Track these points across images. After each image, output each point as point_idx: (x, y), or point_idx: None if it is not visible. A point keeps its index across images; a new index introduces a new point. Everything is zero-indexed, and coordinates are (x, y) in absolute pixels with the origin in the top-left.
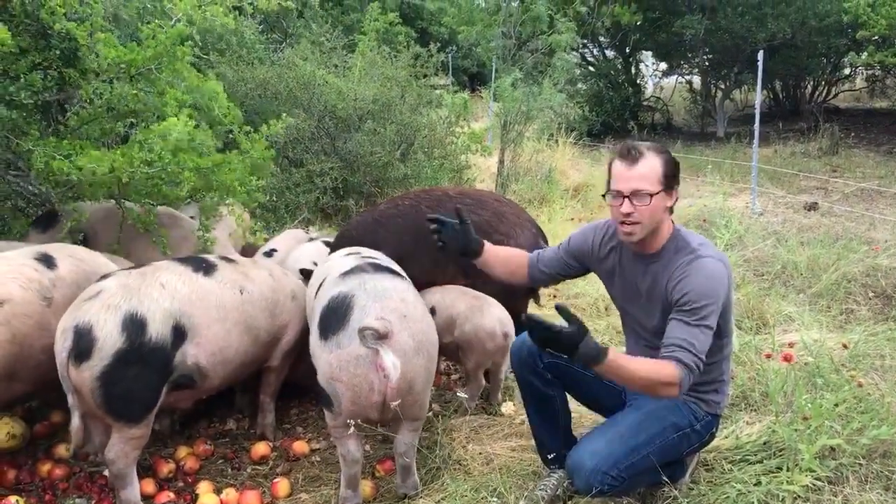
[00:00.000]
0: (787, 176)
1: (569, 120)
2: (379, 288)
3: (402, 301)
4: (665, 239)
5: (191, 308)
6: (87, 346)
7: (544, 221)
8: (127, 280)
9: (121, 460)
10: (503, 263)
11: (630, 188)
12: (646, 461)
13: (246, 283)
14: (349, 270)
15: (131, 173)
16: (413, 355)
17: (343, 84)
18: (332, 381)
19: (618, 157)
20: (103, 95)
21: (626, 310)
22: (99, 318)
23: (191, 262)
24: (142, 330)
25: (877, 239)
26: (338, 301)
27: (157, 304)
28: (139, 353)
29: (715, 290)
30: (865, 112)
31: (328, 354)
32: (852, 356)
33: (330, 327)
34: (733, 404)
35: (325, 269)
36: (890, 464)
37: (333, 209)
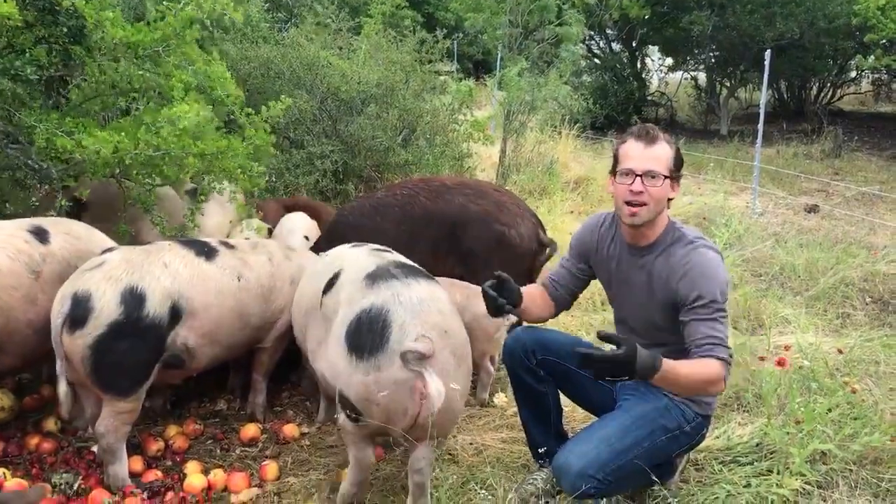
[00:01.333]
0: (788, 177)
1: (572, 112)
2: (415, 300)
3: (440, 314)
4: (660, 231)
5: (190, 290)
6: (83, 313)
7: (544, 213)
8: (131, 255)
9: (110, 434)
10: (534, 303)
11: (644, 168)
12: (633, 464)
13: (244, 270)
14: (375, 274)
15: (135, 155)
16: (455, 373)
17: (347, 66)
18: (367, 402)
19: (633, 137)
20: (107, 73)
21: (619, 303)
22: (99, 288)
23: (194, 246)
24: (140, 304)
25: (876, 244)
26: (371, 316)
27: (157, 282)
28: (135, 327)
29: (720, 277)
30: (870, 116)
31: (364, 376)
32: (847, 361)
33: (364, 346)
34: (726, 404)
35: (335, 261)
36: (880, 471)
37: (333, 192)
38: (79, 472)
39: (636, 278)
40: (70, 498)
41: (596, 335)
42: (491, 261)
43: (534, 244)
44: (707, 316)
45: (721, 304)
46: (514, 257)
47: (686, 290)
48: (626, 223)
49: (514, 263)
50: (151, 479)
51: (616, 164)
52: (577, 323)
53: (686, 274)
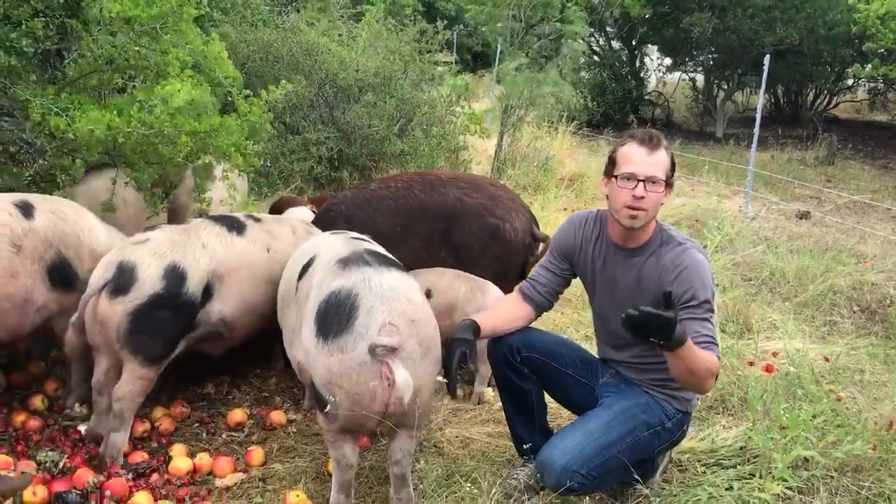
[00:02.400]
0: (781, 182)
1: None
2: (385, 287)
3: (409, 303)
4: (650, 234)
5: (225, 267)
6: (126, 282)
7: (538, 209)
8: (173, 234)
9: (126, 400)
10: (504, 322)
11: (647, 173)
12: (616, 459)
13: (272, 241)
14: (347, 259)
15: (128, 133)
16: (421, 362)
17: (346, 53)
18: (330, 386)
19: (636, 142)
20: (104, 47)
21: (601, 303)
22: (144, 261)
23: (225, 222)
24: (181, 282)
25: (866, 253)
26: (340, 298)
27: (197, 263)
28: (173, 302)
29: (710, 280)
30: (864, 124)
31: (328, 357)
32: (833, 369)
33: (330, 327)
34: (711, 407)
35: (311, 247)
36: (861, 479)
37: (327, 179)
38: (64, 451)
39: (624, 278)
40: (55, 476)
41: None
42: (485, 254)
43: (528, 238)
44: (700, 315)
45: (711, 304)
46: (507, 251)
47: (680, 289)
48: (626, 226)
49: (507, 257)
50: (137, 461)
51: (614, 166)
52: (566, 321)
53: (679, 274)
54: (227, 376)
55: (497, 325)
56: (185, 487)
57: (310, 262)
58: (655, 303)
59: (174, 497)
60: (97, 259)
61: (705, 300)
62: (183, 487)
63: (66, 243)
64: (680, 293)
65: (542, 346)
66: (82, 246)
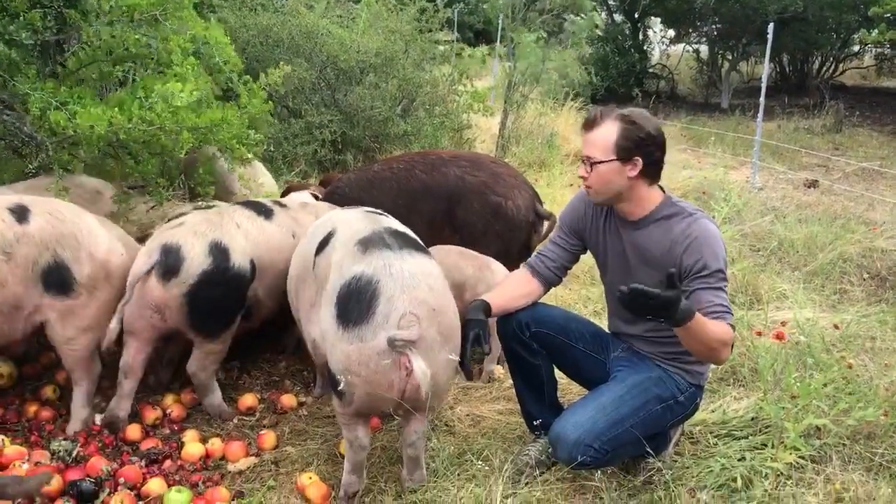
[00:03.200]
0: (789, 152)
1: (574, 84)
2: (406, 274)
3: (430, 290)
4: (651, 207)
5: (258, 249)
6: (175, 263)
7: (543, 186)
8: (207, 216)
9: (202, 372)
10: (514, 298)
11: (584, 154)
12: (629, 433)
13: (296, 227)
14: (368, 240)
15: (129, 129)
16: (440, 351)
17: (346, 35)
18: (346, 373)
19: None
20: (104, 38)
21: (611, 276)
22: (187, 241)
23: (253, 207)
24: (226, 257)
25: (875, 220)
26: (360, 285)
27: (236, 241)
28: (222, 277)
29: (721, 248)
30: (871, 91)
31: (347, 345)
32: (843, 337)
33: (350, 315)
34: (722, 379)
35: (327, 221)
36: (873, 445)
37: (331, 162)
38: (77, 440)
39: (633, 250)
40: (68, 465)
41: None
42: (488, 233)
43: (531, 215)
44: (713, 285)
45: (724, 274)
46: (510, 229)
47: (691, 259)
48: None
49: (510, 235)
50: (150, 447)
51: None
52: (574, 296)
53: (690, 244)
54: (236, 361)
55: (507, 302)
56: (197, 473)
57: (327, 238)
58: (660, 281)
59: (187, 482)
60: (97, 262)
61: (717, 269)
62: (196, 473)
63: (63, 245)
64: (691, 263)
65: (551, 321)
66: (80, 248)
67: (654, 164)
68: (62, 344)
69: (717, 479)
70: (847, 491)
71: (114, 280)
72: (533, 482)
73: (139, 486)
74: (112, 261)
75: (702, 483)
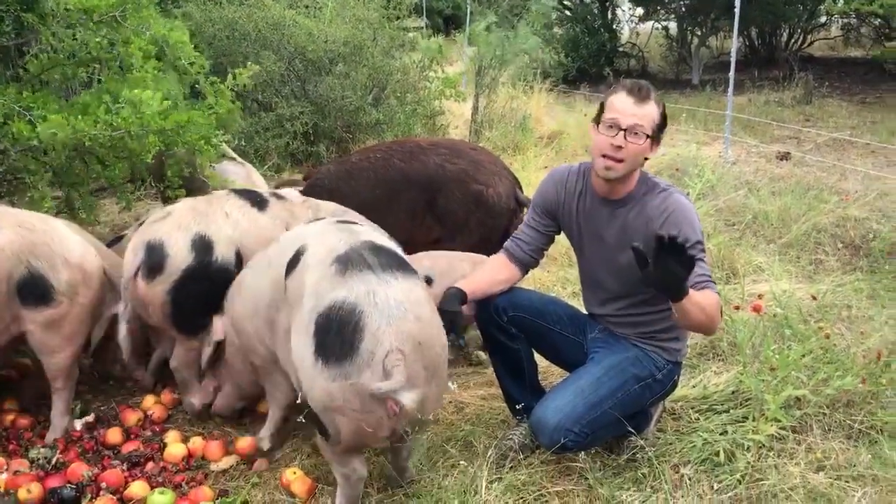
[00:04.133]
0: (760, 125)
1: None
2: (392, 303)
3: (417, 321)
4: (633, 185)
5: (245, 238)
6: (158, 260)
7: (518, 169)
8: (195, 205)
9: (185, 369)
10: (491, 284)
11: (630, 123)
12: (608, 415)
13: (291, 220)
14: (347, 259)
15: (94, 136)
16: (426, 385)
17: (313, 25)
18: (330, 413)
19: (625, 91)
20: (64, 41)
21: (588, 257)
22: (171, 235)
23: (247, 196)
24: (209, 250)
25: (847, 189)
26: (342, 315)
27: (222, 231)
28: (206, 272)
29: (697, 219)
30: (839, 61)
31: (329, 383)
32: (820, 307)
33: (332, 349)
34: (701, 354)
35: (294, 238)
36: (853, 413)
37: (304, 155)
38: (56, 447)
39: (608, 231)
40: (48, 473)
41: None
42: (469, 221)
43: (511, 203)
44: (694, 256)
45: (703, 245)
46: (491, 216)
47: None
48: (600, 176)
49: (491, 222)
50: (132, 450)
51: (601, 112)
52: (552, 278)
53: (667, 219)
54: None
55: (483, 288)
56: (180, 473)
57: (297, 256)
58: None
59: (170, 483)
60: (73, 267)
61: (697, 241)
62: (179, 473)
63: (36, 255)
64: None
65: (528, 305)
66: (54, 255)
67: None
68: (46, 354)
69: (699, 453)
70: (828, 459)
71: (92, 283)
72: (517, 466)
73: (122, 489)
74: (88, 264)
75: (685, 458)
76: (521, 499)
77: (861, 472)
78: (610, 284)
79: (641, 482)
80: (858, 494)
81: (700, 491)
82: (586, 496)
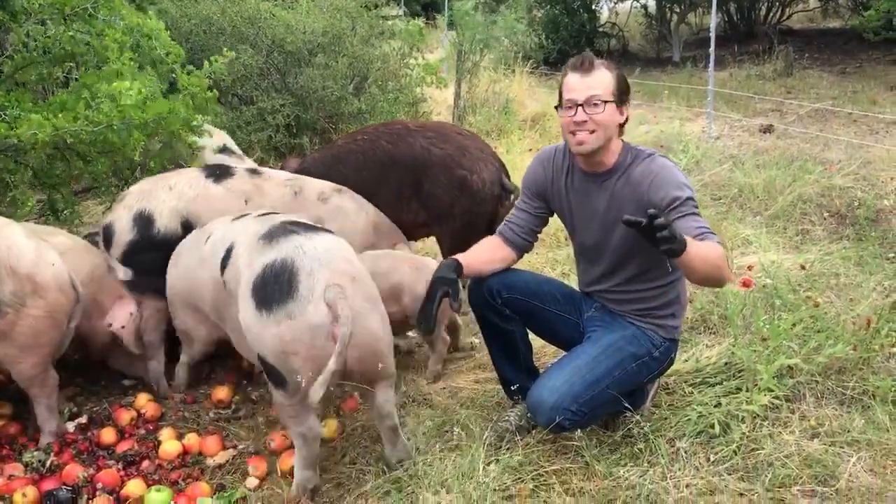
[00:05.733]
0: (742, 99)
1: (525, 48)
2: (321, 249)
3: (348, 262)
4: (616, 156)
5: (194, 207)
6: (109, 237)
7: (502, 153)
8: (143, 185)
9: (152, 331)
10: (486, 262)
11: (584, 96)
12: (605, 393)
13: (256, 195)
14: (271, 233)
15: (75, 132)
16: (370, 317)
17: (291, 17)
18: (284, 355)
19: (570, 69)
20: (37, 38)
21: (581, 234)
22: (118, 217)
23: (208, 170)
24: (150, 224)
25: (831, 159)
26: (276, 269)
27: (164, 205)
28: (151, 243)
29: (682, 175)
30: (819, 32)
31: (276, 327)
32: (808, 276)
33: (272, 297)
34: (693, 328)
35: (221, 238)
36: (844, 380)
37: (287, 147)
38: (50, 450)
39: (598, 204)
40: (43, 475)
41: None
42: (453, 206)
43: (496, 189)
44: (687, 212)
45: (694, 201)
46: (476, 203)
47: (658, 196)
48: (575, 153)
49: (475, 209)
50: (126, 449)
51: (560, 97)
52: (542, 260)
53: (653, 181)
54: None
55: (480, 265)
56: (176, 470)
57: (228, 253)
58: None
59: (167, 481)
60: (20, 277)
61: (687, 197)
62: (175, 471)
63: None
64: (658, 199)
65: (522, 285)
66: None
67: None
68: (7, 364)
69: (695, 426)
70: (822, 426)
71: (47, 293)
72: (514, 447)
73: (118, 489)
74: (40, 273)
75: (680, 432)
76: (519, 479)
77: (855, 438)
78: (604, 260)
79: (638, 457)
80: (853, 459)
81: (696, 463)
82: (584, 474)
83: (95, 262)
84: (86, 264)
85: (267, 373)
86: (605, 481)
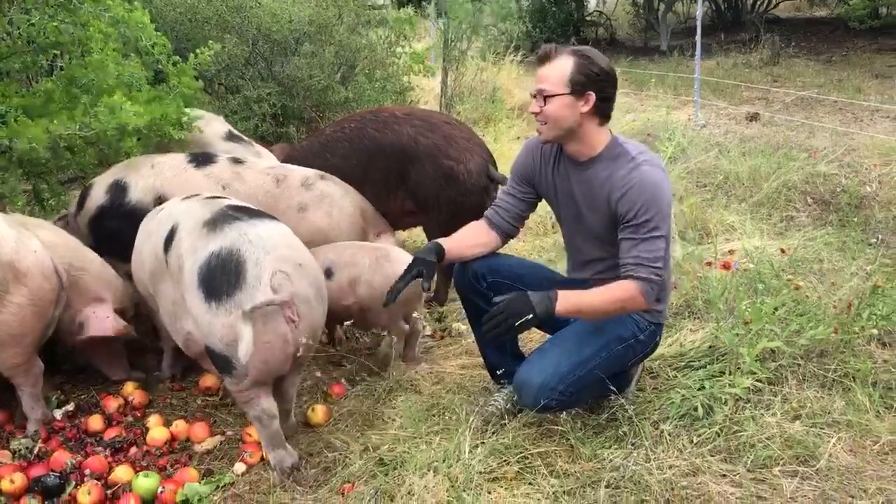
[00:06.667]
0: (729, 87)
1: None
2: (265, 237)
3: (291, 248)
4: (599, 147)
5: (170, 187)
6: (83, 200)
7: (490, 142)
8: (132, 160)
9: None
10: (470, 246)
11: (536, 88)
12: (592, 375)
13: (234, 182)
14: (214, 220)
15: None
16: (315, 303)
17: (276, 5)
18: (235, 344)
19: (537, 60)
20: (21, 27)
21: (567, 221)
22: (99, 182)
23: (194, 157)
24: (123, 193)
25: (816, 146)
26: (221, 258)
27: (143, 179)
28: (119, 211)
29: (659, 198)
30: (805, 21)
31: (226, 317)
32: (791, 261)
33: (220, 288)
34: (677, 313)
35: (166, 217)
36: (826, 362)
37: (274, 136)
38: (37, 437)
39: (580, 192)
40: (31, 462)
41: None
42: (439, 197)
43: (483, 180)
44: (636, 236)
45: (657, 223)
46: (461, 193)
47: (624, 208)
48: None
49: (461, 199)
50: (114, 436)
51: None
52: (528, 247)
53: (626, 193)
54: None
55: (463, 249)
56: (164, 457)
57: (172, 233)
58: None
59: (155, 467)
60: (3, 264)
61: (648, 219)
62: (163, 457)
63: None
64: (623, 212)
65: (507, 270)
66: None
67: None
68: None
69: (678, 409)
70: (804, 408)
71: (29, 280)
72: (500, 430)
73: (106, 475)
74: (22, 261)
75: (664, 415)
76: (505, 461)
77: (836, 419)
78: (587, 247)
79: (622, 440)
80: (834, 440)
81: (680, 445)
82: (569, 456)
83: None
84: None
85: (213, 360)
86: (590, 463)
